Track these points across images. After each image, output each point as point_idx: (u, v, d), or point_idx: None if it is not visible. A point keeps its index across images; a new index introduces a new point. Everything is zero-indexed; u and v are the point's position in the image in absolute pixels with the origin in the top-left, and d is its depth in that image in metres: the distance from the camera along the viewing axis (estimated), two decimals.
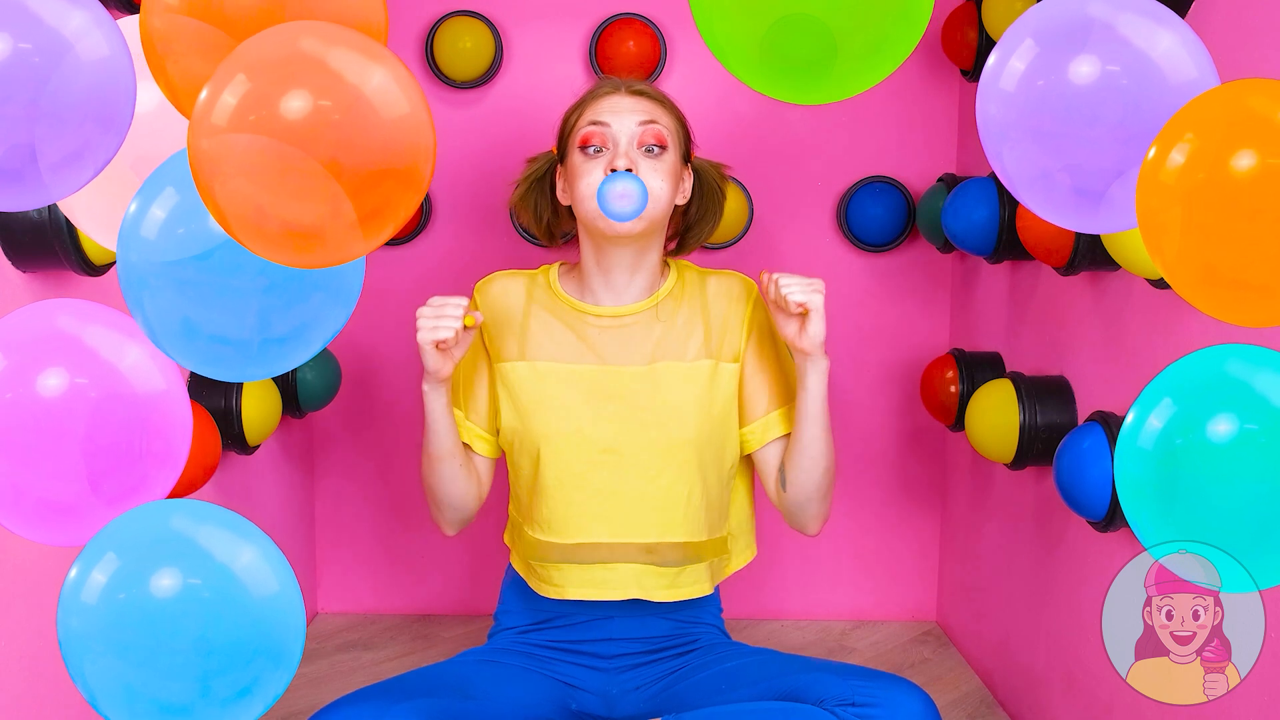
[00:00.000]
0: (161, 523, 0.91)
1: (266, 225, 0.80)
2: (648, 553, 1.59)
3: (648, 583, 1.60)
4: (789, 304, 1.50)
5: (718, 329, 1.63)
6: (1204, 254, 0.83)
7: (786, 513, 1.65)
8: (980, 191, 1.96)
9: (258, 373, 0.93)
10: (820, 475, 1.59)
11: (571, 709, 1.63)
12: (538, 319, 1.64)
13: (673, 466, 1.58)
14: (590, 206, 1.54)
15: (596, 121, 1.58)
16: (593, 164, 1.56)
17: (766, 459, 1.65)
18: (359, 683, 2.08)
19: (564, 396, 1.59)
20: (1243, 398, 0.88)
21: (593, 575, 1.61)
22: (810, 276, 1.52)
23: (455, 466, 1.62)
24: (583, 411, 1.59)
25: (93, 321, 0.94)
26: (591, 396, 1.59)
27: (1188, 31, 0.90)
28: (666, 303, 1.64)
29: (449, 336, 1.47)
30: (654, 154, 1.57)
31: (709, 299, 1.65)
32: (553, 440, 1.58)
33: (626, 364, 1.60)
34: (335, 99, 0.78)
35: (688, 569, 1.62)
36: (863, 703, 1.40)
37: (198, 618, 0.88)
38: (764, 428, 1.63)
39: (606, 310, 1.62)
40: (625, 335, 1.62)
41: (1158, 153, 0.83)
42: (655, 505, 1.58)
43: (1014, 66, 0.91)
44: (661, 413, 1.58)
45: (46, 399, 0.90)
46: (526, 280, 1.68)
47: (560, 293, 1.65)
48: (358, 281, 0.94)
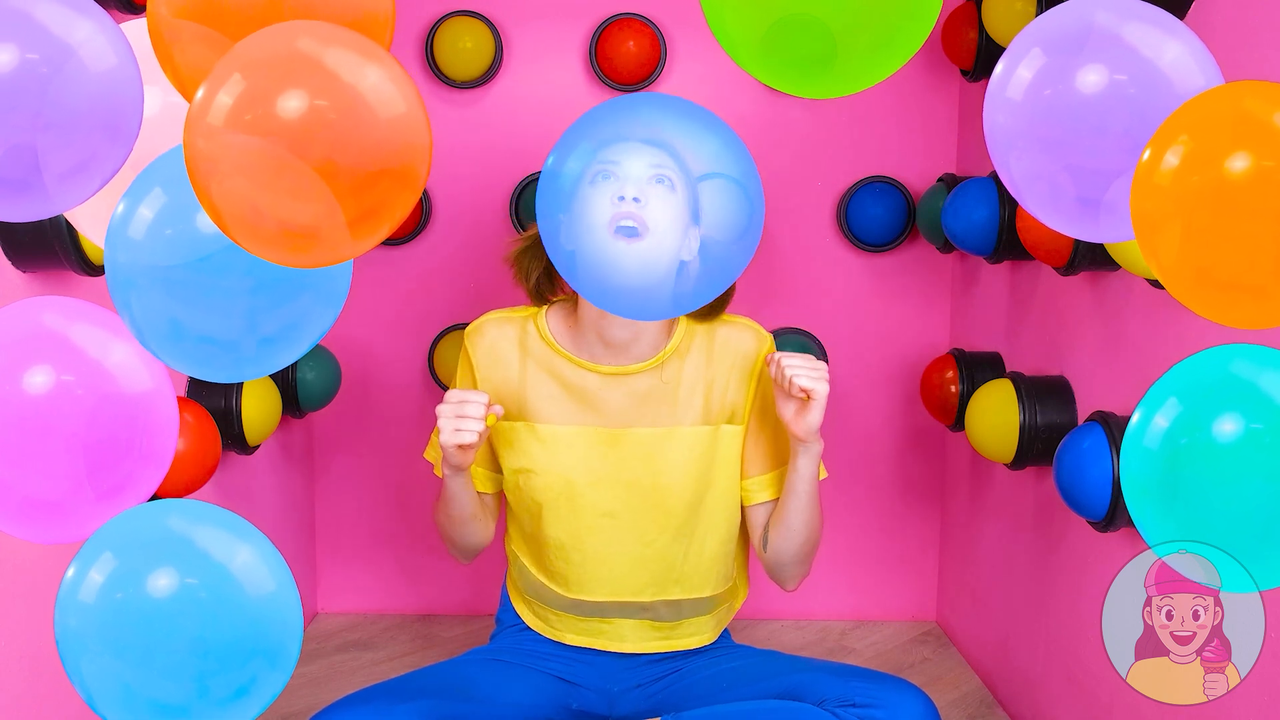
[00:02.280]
0: (158, 522, 0.91)
1: (263, 225, 0.80)
2: (644, 609, 1.60)
3: (644, 635, 1.62)
4: (792, 387, 1.45)
5: (720, 388, 1.58)
6: (1198, 256, 0.83)
7: (766, 569, 1.65)
8: (980, 191, 1.96)
9: (245, 373, 0.93)
10: (800, 544, 1.58)
11: (573, 707, 1.63)
12: (535, 377, 1.57)
13: (669, 530, 1.57)
14: None
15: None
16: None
17: (754, 517, 1.64)
18: (359, 683, 2.08)
19: (564, 460, 1.56)
20: (1248, 398, 0.88)
21: (590, 626, 1.63)
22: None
23: (476, 523, 1.62)
24: (582, 475, 1.56)
25: (79, 319, 0.94)
26: (590, 459, 1.56)
27: (1195, 40, 0.90)
28: (671, 360, 1.57)
29: (473, 440, 1.44)
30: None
31: (716, 353, 1.58)
32: (553, 502, 1.57)
33: (626, 425, 1.56)
34: (331, 98, 0.78)
35: (686, 622, 1.63)
36: (863, 703, 1.40)
37: (195, 617, 0.88)
38: (756, 488, 1.62)
39: (607, 369, 1.55)
40: (626, 392, 1.56)
41: (1152, 155, 0.83)
42: (651, 568, 1.58)
43: (1021, 75, 0.91)
44: (659, 479, 1.55)
45: (32, 396, 0.90)
46: (518, 328, 1.60)
47: (554, 344, 1.57)
48: (345, 282, 0.93)
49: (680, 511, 1.56)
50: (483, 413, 1.45)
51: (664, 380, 1.57)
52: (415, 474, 2.45)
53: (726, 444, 1.59)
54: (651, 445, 1.56)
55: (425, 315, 2.40)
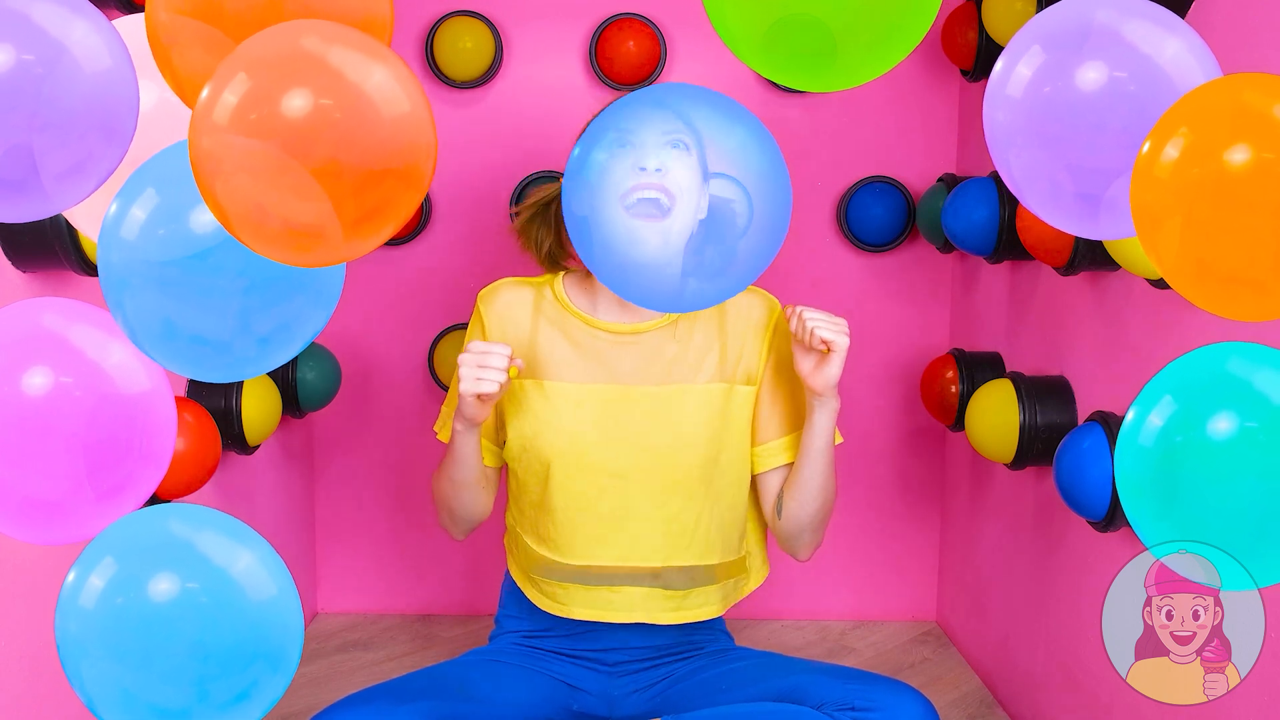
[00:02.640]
0: (159, 527, 0.91)
1: (267, 224, 0.80)
2: (654, 577, 1.58)
3: (653, 605, 1.60)
4: (813, 339, 1.46)
5: (734, 350, 1.59)
6: (1199, 249, 0.83)
7: (779, 538, 1.64)
8: (980, 191, 1.96)
9: (238, 373, 0.93)
10: (816, 509, 1.58)
11: (573, 709, 1.63)
12: (546, 336, 1.59)
13: (681, 492, 1.56)
14: None
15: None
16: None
17: (768, 484, 1.63)
18: (359, 683, 2.08)
19: (573, 418, 1.56)
20: (1243, 396, 0.88)
21: (598, 596, 1.60)
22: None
23: (478, 490, 1.61)
24: (592, 434, 1.55)
25: (78, 320, 0.94)
26: (601, 418, 1.55)
27: (1194, 37, 0.90)
28: (683, 320, 1.59)
29: (493, 390, 1.43)
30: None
31: (728, 318, 1.60)
32: (561, 462, 1.55)
33: (638, 383, 1.56)
34: (336, 98, 0.78)
35: (695, 592, 1.61)
36: (862, 707, 1.40)
37: (195, 622, 0.88)
38: (771, 453, 1.61)
39: (620, 326, 1.57)
40: (638, 351, 1.57)
41: (1152, 147, 0.83)
42: (663, 530, 1.57)
43: (1021, 73, 0.91)
44: (671, 438, 1.55)
45: (31, 397, 0.90)
46: (533, 291, 1.62)
47: (569, 305, 1.59)
48: (339, 282, 0.93)
49: (694, 472, 1.56)
50: (505, 364, 1.44)
51: (675, 338, 1.58)
52: (416, 474, 2.45)
53: (740, 405, 1.59)
54: (663, 402, 1.56)
55: (425, 315, 2.40)
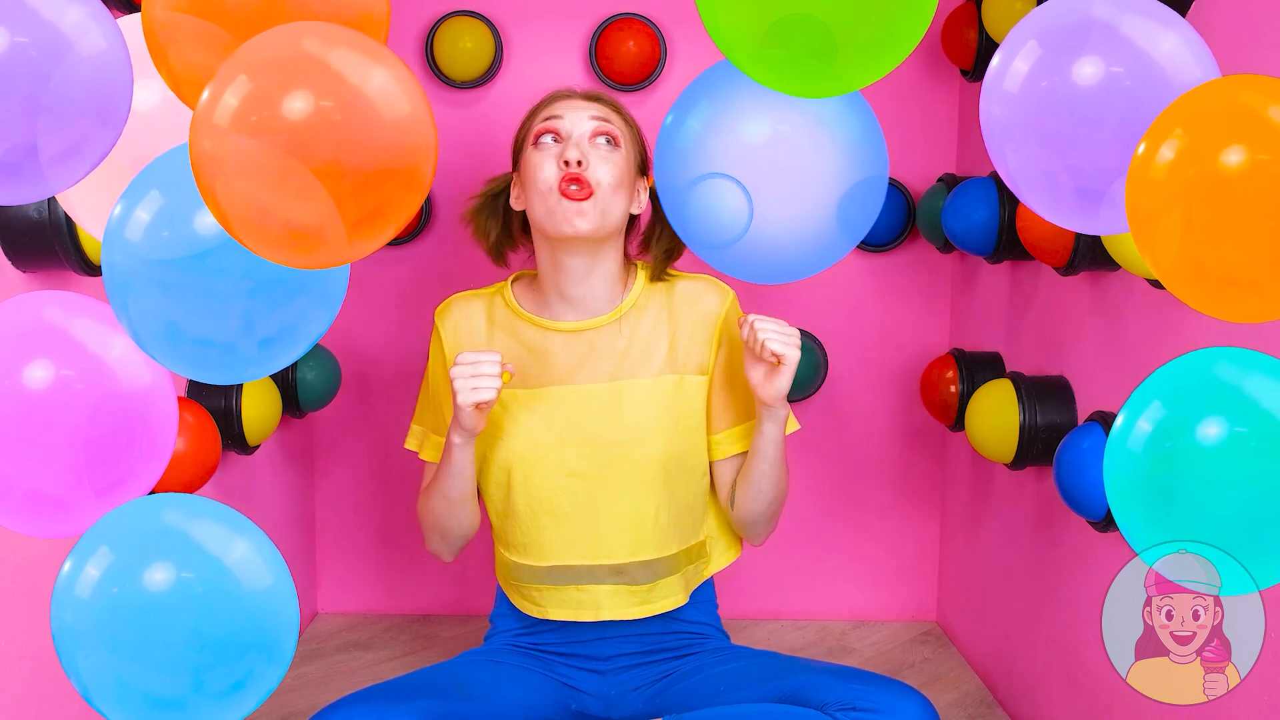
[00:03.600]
0: (154, 517, 0.91)
1: (269, 225, 0.80)
2: (617, 574, 1.59)
3: (619, 601, 1.60)
4: (763, 350, 1.46)
5: (684, 340, 1.60)
6: (1194, 250, 0.83)
7: (735, 524, 1.66)
8: (980, 191, 1.96)
9: (242, 375, 0.93)
10: (767, 504, 1.59)
11: (572, 709, 1.63)
12: (500, 344, 1.61)
13: (637, 485, 1.57)
14: (544, 201, 1.51)
15: (550, 116, 1.56)
16: (545, 155, 1.53)
17: (722, 472, 1.64)
18: (359, 683, 2.08)
19: (528, 422, 1.57)
20: (1232, 401, 0.88)
21: (568, 596, 1.61)
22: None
23: (473, 504, 1.61)
24: (546, 436, 1.57)
25: (80, 314, 0.94)
26: (555, 419, 1.57)
27: (1191, 32, 0.90)
28: (630, 314, 1.60)
29: (491, 398, 1.44)
30: (610, 147, 1.54)
31: (675, 307, 1.61)
32: (520, 466, 1.57)
33: (588, 382, 1.57)
34: (337, 99, 0.78)
35: (659, 584, 1.62)
36: (864, 708, 1.40)
37: (191, 611, 0.89)
38: (724, 441, 1.62)
39: (567, 325, 1.59)
40: (587, 349, 1.59)
41: (1147, 148, 0.83)
42: (622, 526, 1.57)
43: (1018, 68, 0.91)
44: (625, 432, 1.56)
45: (33, 391, 0.90)
46: (485, 302, 1.64)
47: (519, 309, 1.61)
48: (342, 284, 0.94)
49: (650, 465, 1.56)
50: (498, 370, 1.45)
51: (622, 333, 1.58)
52: (415, 474, 2.45)
53: (691, 395, 1.59)
54: (615, 398, 1.57)
55: (425, 315, 2.38)
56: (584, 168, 1.50)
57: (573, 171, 1.50)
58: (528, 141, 1.57)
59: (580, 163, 1.50)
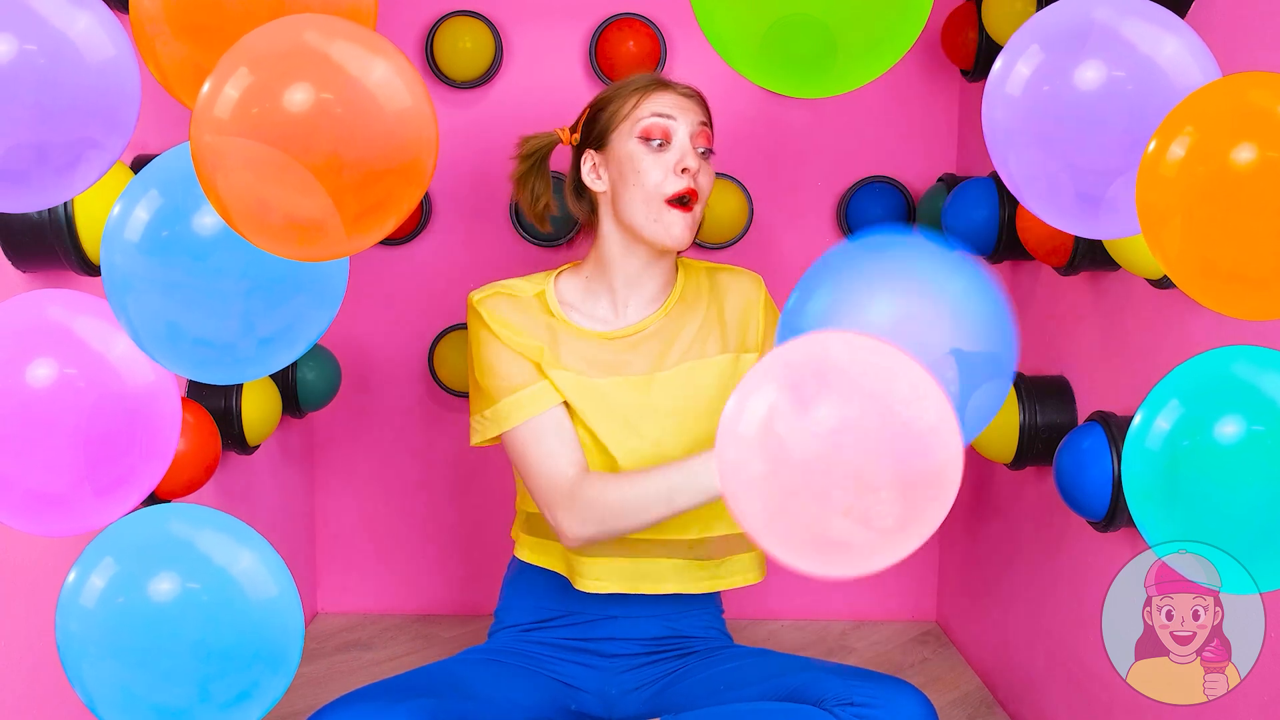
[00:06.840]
0: (160, 527, 0.91)
1: (269, 219, 0.80)
2: (691, 548, 1.60)
3: (687, 576, 1.61)
4: None
5: (735, 323, 1.64)
6: (1204, 248, 0.83)
7: None
8: (980, 191, 1.96)
9: (242, 375, 0.93)
10: None
11: (571, 709, 1.63)
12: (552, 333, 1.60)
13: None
14: (649, 206, 1.53)
15: (662, 114, 1.55)
16: (657, 159, 1.53)
17: None
18: (359, 683, 2.07)
19: (610, 400, 1.58)
20: (1250, 400, 0.88)
21: (637, 568, 1.61)
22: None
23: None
24: (631, 409, 1.58)
25: (83, 312, 0.94)
26: (633, 398, 1.59)
27: (1193, 36, 0.90)
28: (677, 307, 1.64)
29: None
30: (706, 157, 1.57)
31: (721, 294, 1.66)
32: (607, 431, 1.57)
33: (652, 371, 1.60)
34: (337, 92, 0.78)
35: (731, 560, 1.63)
36: (862, 703, 1.40)
37: (196, 622, 0.88)
38: None
39: (621, 332, 1.61)
40: (645, 348, 1.61)
41: (1157, 146, 0.83)
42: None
43: (1020, 71, 0.91)
44: (694, 409, 1.59)
45: (36, 389, 0.90)
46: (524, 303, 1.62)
47: (567, 321, 1.61)
48: (342, 283, 0.94)
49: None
50: None
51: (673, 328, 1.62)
52: (415, 474, 2.45)
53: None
54: (681, 380, 1.60)
55: (425, 315, 2.40)
56: (695, 180, 1.54)
57: (690, 185, 1.52)
58: (628, 129, 1.55)
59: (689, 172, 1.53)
